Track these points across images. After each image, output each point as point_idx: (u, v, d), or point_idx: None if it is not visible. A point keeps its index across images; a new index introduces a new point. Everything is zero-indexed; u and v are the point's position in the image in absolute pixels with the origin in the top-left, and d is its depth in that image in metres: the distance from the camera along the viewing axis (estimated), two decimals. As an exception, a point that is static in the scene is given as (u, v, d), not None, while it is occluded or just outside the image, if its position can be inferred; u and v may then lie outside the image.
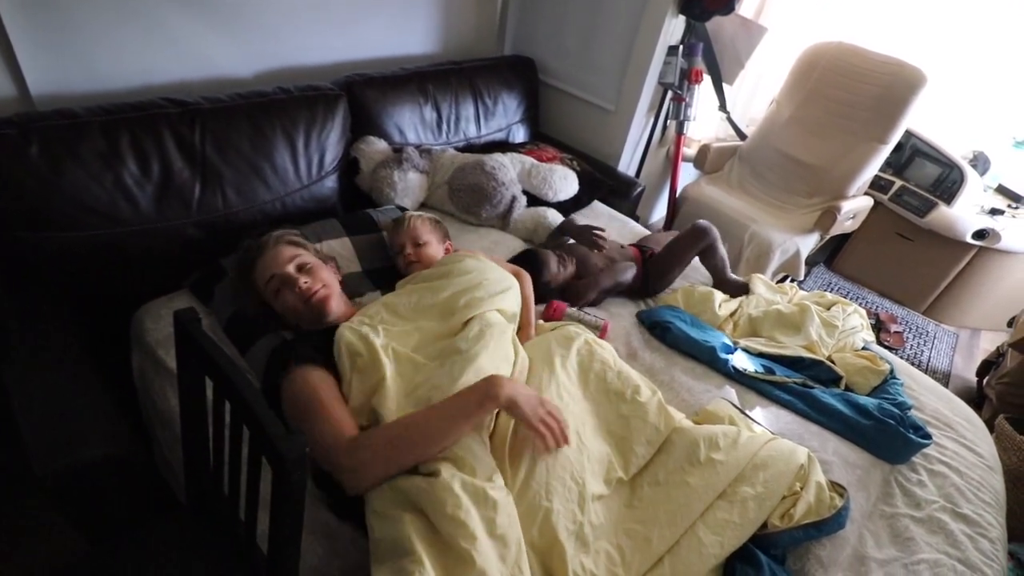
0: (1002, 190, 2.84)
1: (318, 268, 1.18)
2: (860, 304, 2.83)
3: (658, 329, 1.49)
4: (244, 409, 0.71)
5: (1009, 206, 2.70)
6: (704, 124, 2.73)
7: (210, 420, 0.85)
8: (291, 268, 1.15)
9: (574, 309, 1.47)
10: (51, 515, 1.19)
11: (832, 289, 2.96)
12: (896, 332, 2.66)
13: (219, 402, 0.78)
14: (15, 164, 1.15)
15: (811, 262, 3.12)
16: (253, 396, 0.70)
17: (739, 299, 1.61)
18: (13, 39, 1.26)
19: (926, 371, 2.46)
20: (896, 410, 1.29)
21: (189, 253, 1.41)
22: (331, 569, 0.92)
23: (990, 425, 1.93)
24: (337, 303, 1.17)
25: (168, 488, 1.20)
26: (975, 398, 2.29)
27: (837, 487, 1.12)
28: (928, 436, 1.28)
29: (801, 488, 1.07)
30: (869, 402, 1.30)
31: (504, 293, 1.20)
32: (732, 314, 1.57)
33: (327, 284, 1.16)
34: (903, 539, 1.13)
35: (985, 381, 2.27)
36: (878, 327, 2.68)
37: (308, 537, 0.95)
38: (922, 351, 2.62)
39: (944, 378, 2.48)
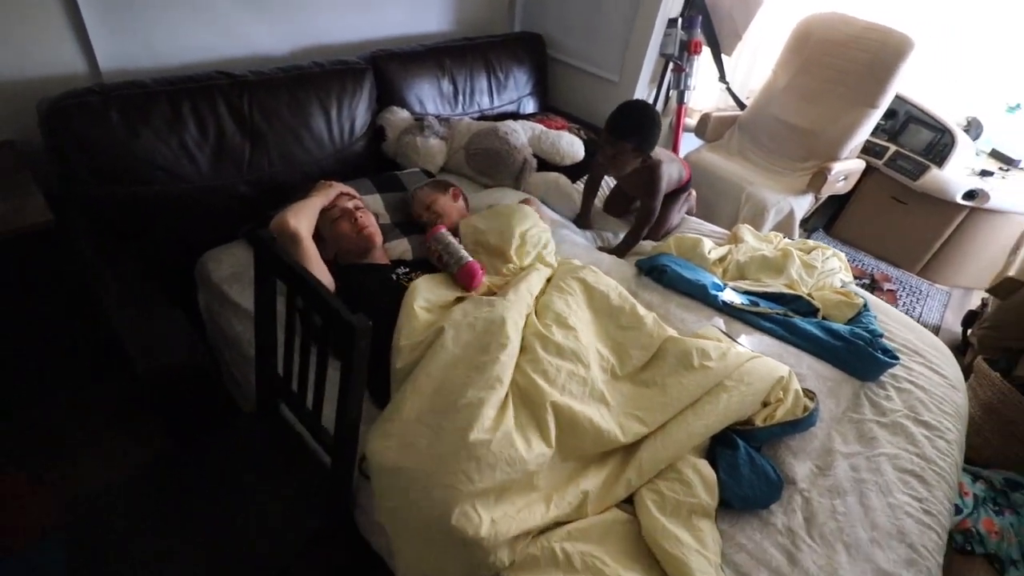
0: (995, 154, 2.94)
1: (369, 213, 1.46)
2: (856, 266, 2.98)
3: (655, 273, 1.66)
4: (316, 298, 0.90)
5: (1000, 168, 2.81)
6: (704, 94, 2.87)
7: (282, 327, 1.04)
8: (351, 205, 1.41)
9: (445, 233, 1.45)
10: (140, 419, 1.41)
11: (830, 253, 3.09)
12: (889, 290, 2.80)
13: (292, 299, 0.97)
14: (99, 127, 1.35)
15: (810, 228, 3.25)
16: (322, 287, 0.89)
17: (727, 246, 1.78)
18: (87, 22, 1.46)
19: (917, 325, 2.59)
20: (867, 335, 1.45)
21: (241, 208, 1.61)
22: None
23: (970, 368, 2.08)
24: (379, 242, 1.43)
25: (233, 401, 1.41)
26: (960, 346, 2.43)
27: (808, 393, 1.29)
28: (895, 357, 1.44)
29: (783, 396, 1.25)
30: (842, 328, 1.46)
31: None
32: (721, 260, 1.74)
33: (375, 225, 1.43)
34: (867, 438, 1.29)
35: (970, 331, 2.41)
36: (872, 286, 2.82)
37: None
38: (915, 308, 2.76)
39: (933, 331, 2.62)
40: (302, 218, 1.27)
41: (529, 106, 2.43)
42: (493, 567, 0.91)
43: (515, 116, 2.32)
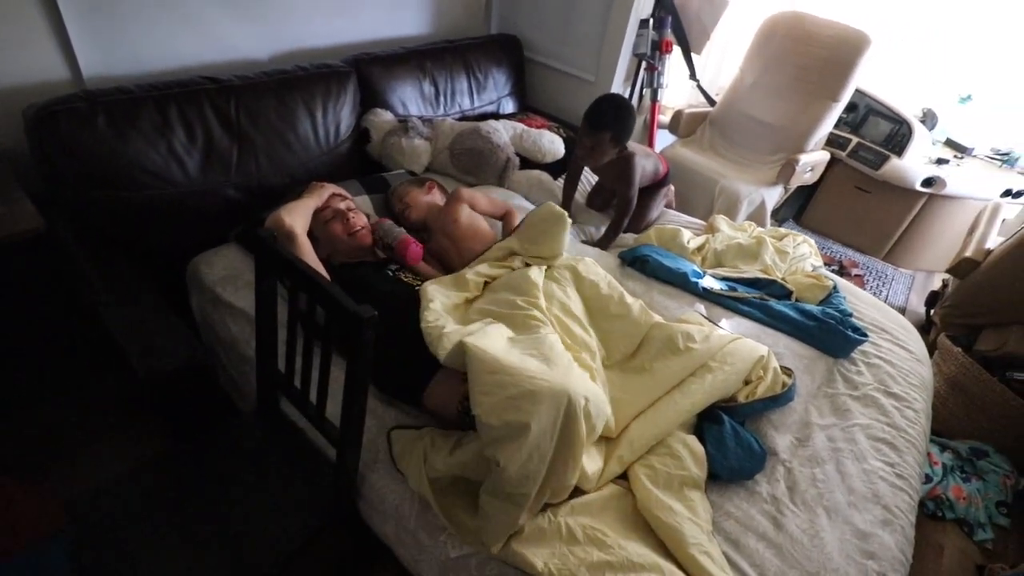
0: (950, 143, 3.11)
1: (361, 214, 1.49)
2: (825, 253, 3.11)
3: (638, 263, 1.73)
4: (320, 293, 0.93)
5: (955, 156, 2.98)
6: (677, 92, 2.96)
7: (284, 325, 1.07)
8: (343, 206, 1.44)
9: (383, 220, 1.54)
10: (139, 419, 1.41)
11: (801, 242, 3.21)
12: (857, 275, 2.93)
13: (294, 296, 1.00)
14: (87, 133, 1.35)
15: (781, 218, 3.38)
16: (325, 282, 0.93)
17: (705, 236, 1.86)
18: (69, 28, 1.46)
19: (884, 308, 2.72)
20: (837, 314, 1.54)
21: (230, 212, 1.62)
22: (381, 440, 1.15)
23: (935, 345, 2.20)
24: (370, 242, 1.46)
25: (231, 402, 1.42)
26: (924, 325, 2.56)
27: (786, 370, 1.37)
28: (864, 335, 1.53)
29: (763, 374, 1.32)
30: (814, 308, 1.55)
31: None
32: (700, 249, 1.82)
33: (366, 226, 1.46)
34: (841, 411, 1.38)
35: (932, 311, 2.54)
36: (841, 272, 2.94)
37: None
38: (881, 291, 2.89)
39: (899, 312, 2.75)
40: (296, 216, 1.30)
41: (508, 106, 2.48)
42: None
43: (495, 116, 2.37)
